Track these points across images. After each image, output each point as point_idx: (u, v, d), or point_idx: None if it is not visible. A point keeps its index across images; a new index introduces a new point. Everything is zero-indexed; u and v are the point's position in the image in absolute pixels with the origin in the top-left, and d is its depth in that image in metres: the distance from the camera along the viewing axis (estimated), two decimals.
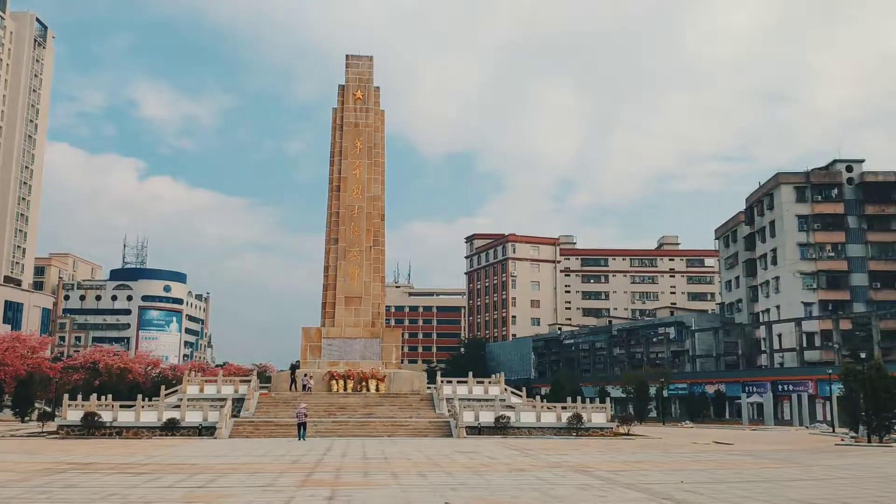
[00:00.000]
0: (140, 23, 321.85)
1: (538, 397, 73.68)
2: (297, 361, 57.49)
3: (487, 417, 49.03)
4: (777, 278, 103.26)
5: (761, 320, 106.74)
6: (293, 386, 57.65)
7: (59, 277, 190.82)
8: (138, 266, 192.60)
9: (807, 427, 77.86)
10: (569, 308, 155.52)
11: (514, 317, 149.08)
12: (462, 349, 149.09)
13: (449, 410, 52.36)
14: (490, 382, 56.51)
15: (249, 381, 54.66)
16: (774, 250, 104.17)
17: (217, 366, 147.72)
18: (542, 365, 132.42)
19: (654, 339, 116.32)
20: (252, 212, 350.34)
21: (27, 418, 70.80)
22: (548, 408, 50.80)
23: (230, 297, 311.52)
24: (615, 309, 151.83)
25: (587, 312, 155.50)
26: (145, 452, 34.51)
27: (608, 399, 70.77)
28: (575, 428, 49.16)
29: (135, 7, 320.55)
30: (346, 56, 65.68)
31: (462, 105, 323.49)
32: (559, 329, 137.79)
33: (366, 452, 33.73)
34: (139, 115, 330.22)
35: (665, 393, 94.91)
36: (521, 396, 58.18)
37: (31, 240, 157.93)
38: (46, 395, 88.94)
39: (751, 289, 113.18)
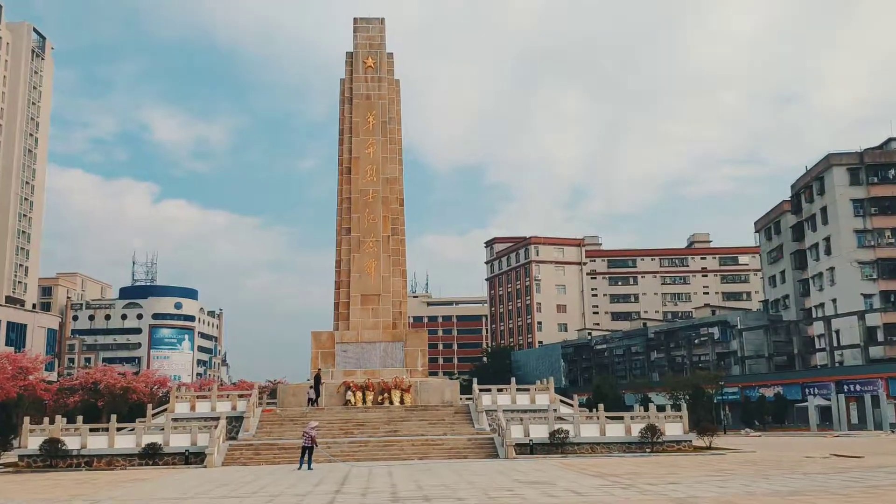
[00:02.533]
0: (150, 47, 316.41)
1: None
2: (320, 369, 47.58)
3: (540, 432, 39.06)
4: (832, 269, 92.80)
5: (815, 315, 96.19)
6: (316, 401, 47.65)
7: (67, 297, 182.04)
8: (148, 283, 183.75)
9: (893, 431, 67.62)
10: (596, 312, 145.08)
11: (539, 323, 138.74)
12: (486, 358, 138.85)
13: (491, 425, 42.45)
14: (537, 389, 46.40)
15: (249, 396, 44.79)
16: (828, 239, 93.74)
17: (232, 384, 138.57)
18: (573, 373, 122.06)
19: (697, 341, 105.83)
20: (266, 231, 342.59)
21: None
22: (613, 418, 40.69)
23: (246, 316, 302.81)
24: (645, 312, 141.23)
25: (616, 316, 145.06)
26: (96, 492, 24.80)
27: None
28: (649, 442, 39.08)
29: (144, 31, 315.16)
30: (354, 19, 56.13)
31: (470, 117, 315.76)
32: (589, 334, 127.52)
33: (395, 487, 23.87)
34: (152, 139, 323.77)
35: (714, 398, 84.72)
36: (571, 406, 48.15)
37: (34, 258, 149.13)
38: (39, 419, 79.69)
39: (800, 283, 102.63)
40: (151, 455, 38.45)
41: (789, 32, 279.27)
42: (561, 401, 47.27)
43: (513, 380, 45.78)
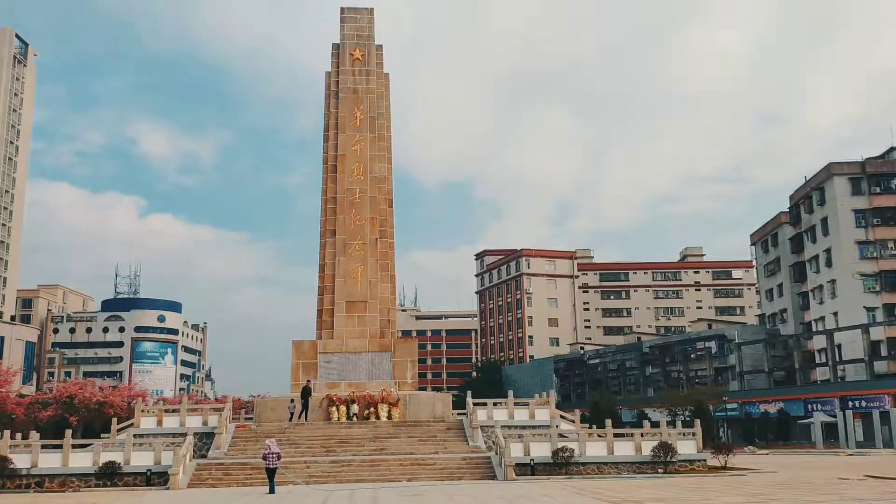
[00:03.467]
0: (138, 61, 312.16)
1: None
2: (310, 381, 43.48)
3: (541, 450, 35.06)
4: (833, 282, 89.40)
5: (815, 329, 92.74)
6: (302, 415, 43.56)
7: (48, 310, 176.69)
8: (131, 296, 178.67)
9: None
10: (588, 327, 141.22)
11: (531, 337, 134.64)
12: (475, 374, 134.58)
13: (487, 442, 38.49)
14: (536, 404, 42.39)
15: (222, 409, 40.60)
16: (828, 250, 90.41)
17: (215, 400, 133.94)
18: (566, 388, 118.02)
19: (693, 356, 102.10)
20: (252, 246, 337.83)
21: None
22: (620, 435, 36.77)
23: (233, 331, 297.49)
24: (638, 326, 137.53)
25: (608, 331, 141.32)
26: None
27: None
28: (662, 462, 35.18)
29: (133, 46, 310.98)
30: (341, 9, 52.37)
31: (459, 133, 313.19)
32: (582, 349, 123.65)
33: None
34: (139, 153, 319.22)
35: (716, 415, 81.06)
36: (572, 422, 44.25)
37: (13, 269, 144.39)
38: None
39: (799, 296, 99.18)
40: (109, 475, 34.23)
41: (773, 51, 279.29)
42: (561, 416, 43.33)
43: (510, 393, 41.83)
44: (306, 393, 44.11)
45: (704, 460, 37.42)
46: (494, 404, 41.83)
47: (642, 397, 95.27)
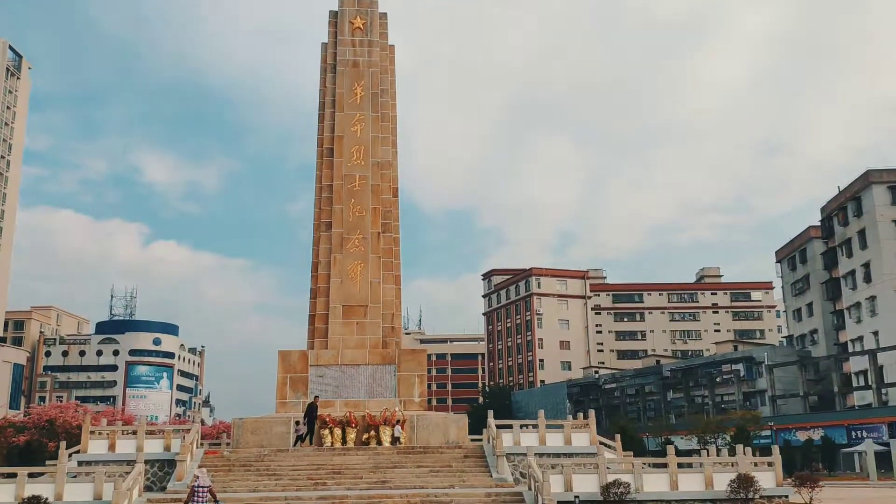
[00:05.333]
0: (143, 90, 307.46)
1: None
2: (317, 396, 35.49)
3: (587, 484, 27.09)
4: (872, 298, 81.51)
5: (852, 350, 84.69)
6: (307, 439, 35.76)
7: (41, 332, 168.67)
8: (127, 318, 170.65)
9: None
10: (601, 350, 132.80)
11: (541, 360, 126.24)
12: (483, 398, 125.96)
13: (514, 473, 30.49)
14: (573, 427, 34.29)
15: (188, 431, 32.57)
16: (867, 265, 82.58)
17: (212, 426, 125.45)
18: (580, 415, 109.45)
19: (719, 380, 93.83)
20: (255, 272, 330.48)
21: None
22: (684, 465, 28.76)
23: (235, 358, 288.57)
24: (653, 350, 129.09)
25: (622, 354, 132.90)
26: None
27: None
28: (743, 499, 27.16)
29: (137, 74, 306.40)
30: None
31: (460, 162, 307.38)
32: (596, 372, 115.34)
33: None
34: (143, 181, 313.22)
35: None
36: (613, 448, 36.24)
37: (3, 289, 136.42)
38: None
39: (833, 314, 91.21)
40: None
41: (774, 81, 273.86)
42: (601, 443, 35.26)
43: (541, 413, 33.85)
44: (312, 411, 36.24)
45: (786, 496, 29.47)
46: (524, 427, 33.73)
47: (666, 424, 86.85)
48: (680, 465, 29.00)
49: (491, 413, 34.99)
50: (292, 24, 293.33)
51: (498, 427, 33.13)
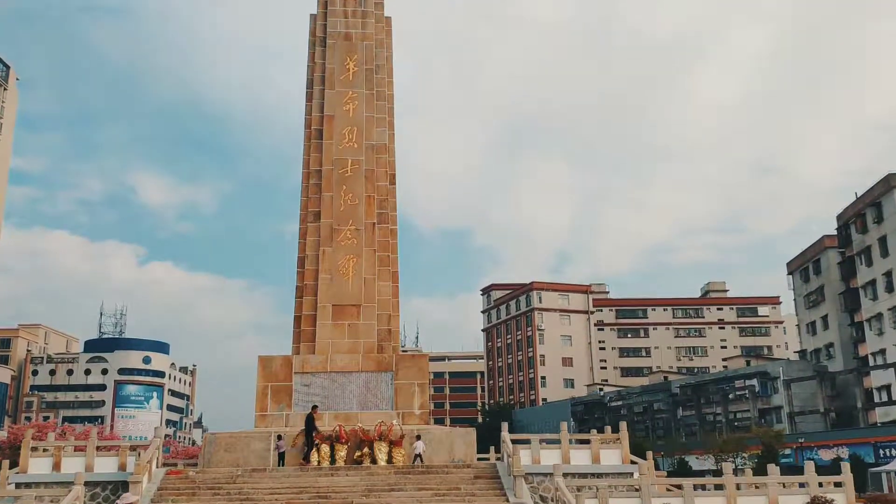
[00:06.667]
0: (139, 111, 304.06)
1: None
2: (316, 406, 30.04)
3: None
4: (895, 308, 76.47)
5: (872, 363, 79.47)
6: (312, 455, 30.51)
7: (28, 350, 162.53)
8: (116, 336, 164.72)
9: None
10: (604, 367, 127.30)
11: (543, 377, 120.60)
12: (482, 418, 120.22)
13: (534, 497, 25.17)
14: (601, 442, 28.97)
15: (146, 448, 27.21)
16: (889, 273, 77.47)
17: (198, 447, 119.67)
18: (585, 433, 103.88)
19: (731, 396, 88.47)
20: (251, 292, 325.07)
21: None
22: (753, 487, 23.47)
23: (231, 378, 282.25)
24: (658, 367, 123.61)
25: (626, 372, 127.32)
26: None
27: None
28: None
29: (134, 96, 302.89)
30: None
31: (455, 181, 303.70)
32: (600, 390, 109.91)
33: None
34: (139, 201, 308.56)
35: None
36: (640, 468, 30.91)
37: None
38: None
39: (851, 327, 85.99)
40: None
41: (770, 101, 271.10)
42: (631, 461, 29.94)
43: (563, 426, 28.54)
44: (310, 422, 30.94)
45: None
46: (544, 442, 28.38)
47: (679, 442, 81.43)
48: (738, 486, 23.72)
49: (505, 425, 29.62)
50: (290, 48, 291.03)
51: (513, 442, 27.77)
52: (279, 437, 31.28)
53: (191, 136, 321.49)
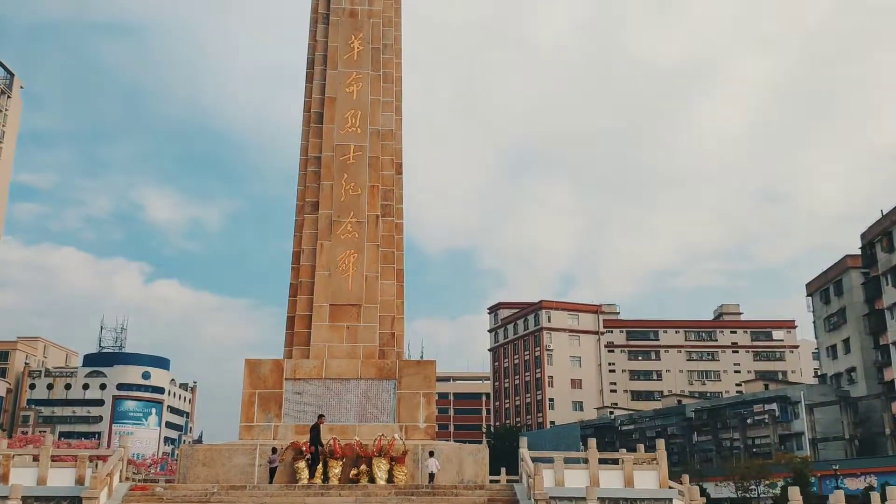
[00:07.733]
0: (148, 128, 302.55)
1: None
2: (322, 416, 25.98)
3: None
4: None
5: None
6: (314, 470, 26.55)
7: (26, 363, 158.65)
8: (115, 351, 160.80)
9: None
10: (614, 391, 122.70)
11: (551, 399, 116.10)
12: (489, 440, 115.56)
13: None
14: (635, 462, 24.92)
15: (108, 458, 23.27)
16: None
17: None
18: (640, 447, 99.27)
19: (750, 421, 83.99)
20: (256, 311, 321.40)
21: None
22: None
23: (235, 396, 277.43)
24: (670, 391, 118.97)
25: (636, 395, 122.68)
26: None
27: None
28: None
29: (143, 113, 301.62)
30: None
31: (460, 204, 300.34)
32: (611, 413, 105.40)
33: None
34: (146, 219, 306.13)
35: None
36: (681, 490, 26.87)
37: None
38: None
39: (876, 350, 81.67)
40: None
41: (773, 129, 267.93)
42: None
43: (591, 443, 24.58)
44: (316, 433, 27.00)
45: None
46: (568, 462, 24.34)
47: (695, 468, 76.87)
48: None
49: (524, 441, 25.65)
50: (300, 69, 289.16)
51: (535, 461, 23.71)
52: (273, 451, 27.36)
53: (198, 154, 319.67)
